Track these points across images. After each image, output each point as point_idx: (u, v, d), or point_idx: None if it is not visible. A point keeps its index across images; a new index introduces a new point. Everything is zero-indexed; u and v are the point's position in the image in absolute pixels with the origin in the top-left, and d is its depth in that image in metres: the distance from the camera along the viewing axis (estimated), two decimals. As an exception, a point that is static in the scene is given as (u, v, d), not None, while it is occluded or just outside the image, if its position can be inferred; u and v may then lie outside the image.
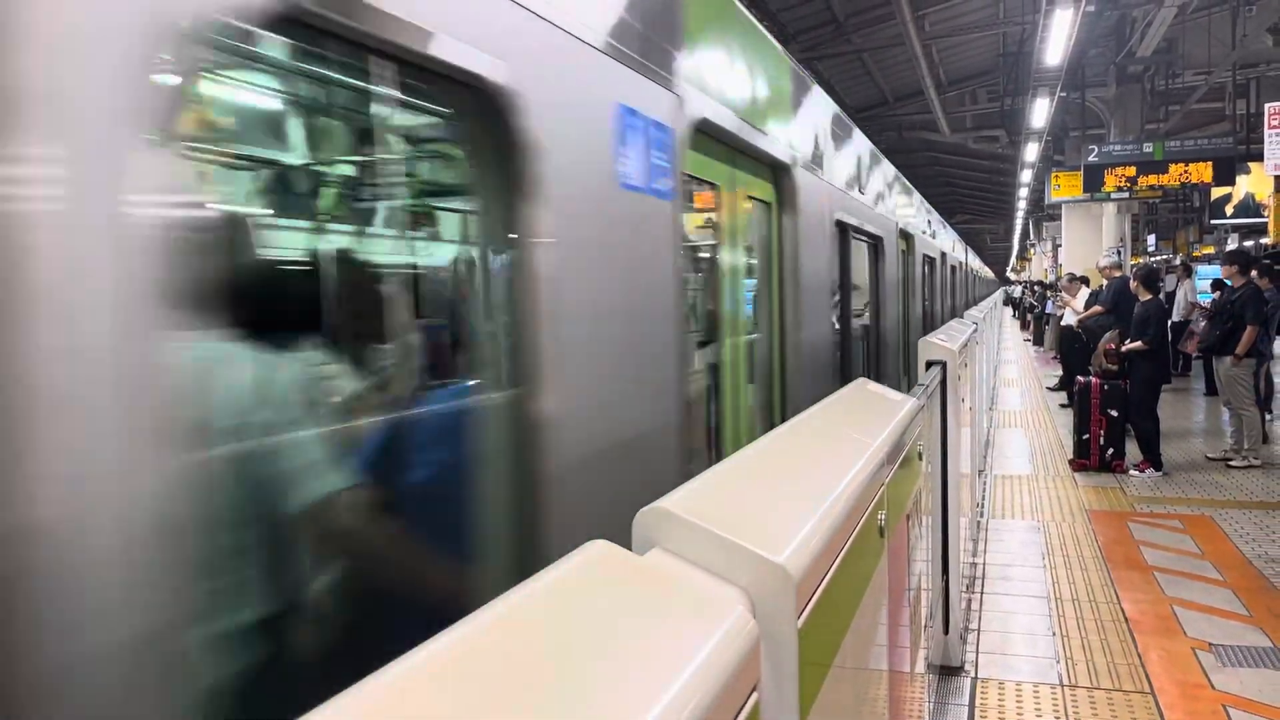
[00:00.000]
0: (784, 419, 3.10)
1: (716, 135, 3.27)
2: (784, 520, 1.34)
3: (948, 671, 4.71)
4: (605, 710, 0.78)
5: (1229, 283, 10.39)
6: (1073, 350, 14.29)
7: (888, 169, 8.16)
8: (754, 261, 4.07)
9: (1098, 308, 12.77)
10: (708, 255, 3.60)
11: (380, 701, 0.71)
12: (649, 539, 1.19)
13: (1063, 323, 15.16)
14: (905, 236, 8.96)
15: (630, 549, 1.16)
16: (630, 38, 2.46)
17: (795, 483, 1.64)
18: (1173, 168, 15.11)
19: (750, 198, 3.86)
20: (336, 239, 2.10)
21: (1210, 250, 27.05)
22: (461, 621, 0.86)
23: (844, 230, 5.63)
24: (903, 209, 9.15)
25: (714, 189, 3.46)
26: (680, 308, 2.81)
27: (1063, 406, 14.16)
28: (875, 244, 7.06)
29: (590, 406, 2.17)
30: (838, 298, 5.72)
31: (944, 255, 14.54)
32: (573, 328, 2.07)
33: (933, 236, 12.45)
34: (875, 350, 7.10)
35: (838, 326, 5.56)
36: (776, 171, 4.12)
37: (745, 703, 0.98)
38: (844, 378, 5.50)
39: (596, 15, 2.26)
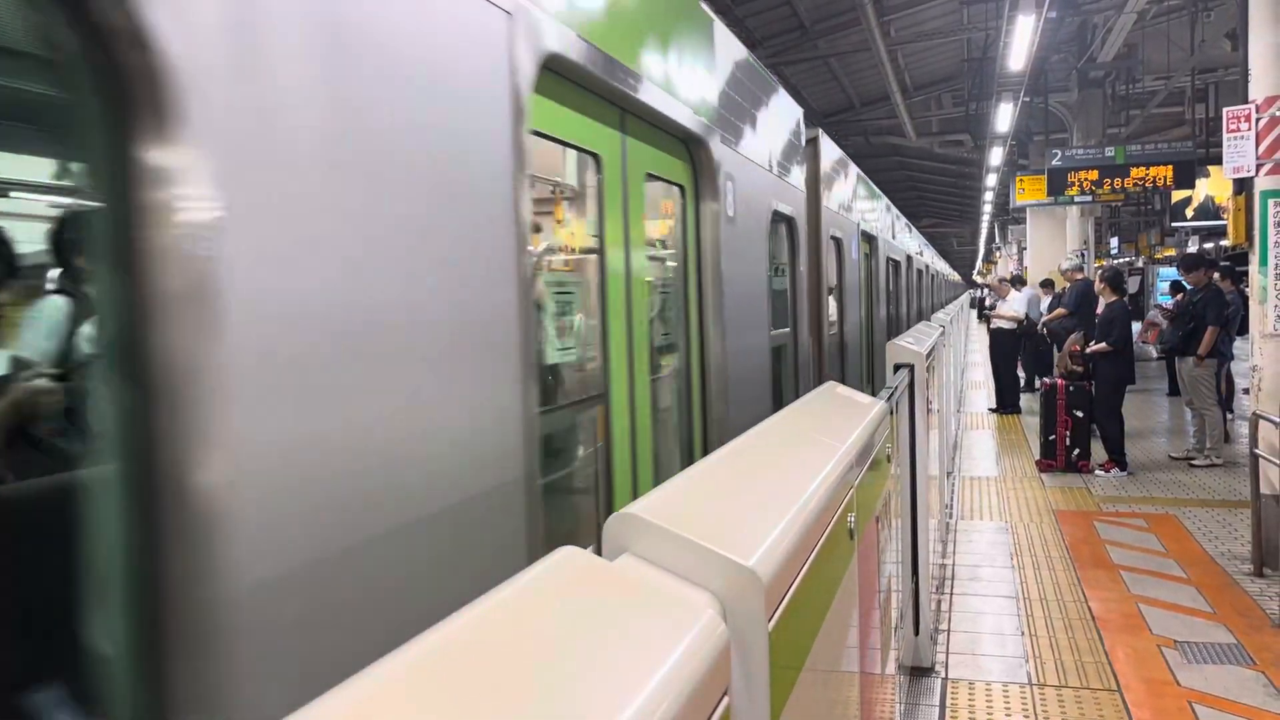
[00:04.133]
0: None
1: None
2: (754, 524, 1.34)
3: (918, 672, 4.74)
4: (575, 716, 0.78)
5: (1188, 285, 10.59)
6: (1003, 355, 14.33)
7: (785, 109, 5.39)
8: None
9: (1061, 310, 12.93)
10: None
11: (348, 710, 0.70)
12: (620, 544, 1.18)
13: (991, 326, 15.01)
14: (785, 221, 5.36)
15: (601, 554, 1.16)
16: None
17: (765, 486, 1.65)
18: (1134, 171, 15.32)
19: None
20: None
21: (1171, 252, 27.46)
22: (431, 629, 0.85)
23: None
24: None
25: None
26: None
27: (991, 411, 14.30)
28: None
29: None
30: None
31: (893, 247, 11.46)
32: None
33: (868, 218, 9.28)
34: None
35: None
36: None
37: (716, 706, 0.99)
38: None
39: None
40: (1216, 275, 10.78)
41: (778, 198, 5.06)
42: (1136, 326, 11.53)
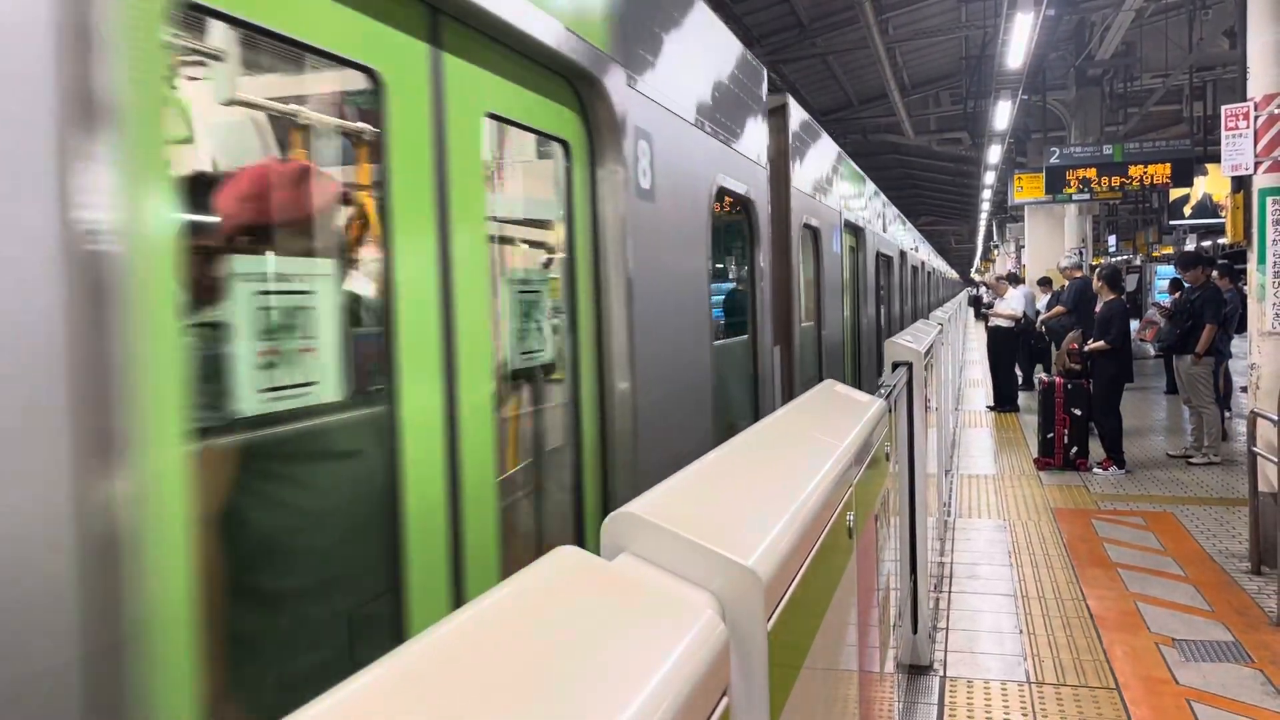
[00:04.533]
0: None
1: None
2: (753, 523, 1.33)
3: (917, 670, 4.74)
4: (574, 716, 0.78)
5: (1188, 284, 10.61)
6: (1000, 353, 14.30)
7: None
8: None
9: (1059, 308, 12.94)
10: None
11: (345, 710, 0.70)
12: (618, 544, 1.18)
13: (990, 324, 14.98)
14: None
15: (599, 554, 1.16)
16: None
17: (764, 485, 1.64)
18: (1132, 169, 15.32)
19: None
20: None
21: (1169, 250, 27.49)
22: (429, 629, 0.85)
23: None
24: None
25: None
26: None
27: (989, 409, 14.29)
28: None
29: None
30: None
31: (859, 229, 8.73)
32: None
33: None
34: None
35: None
36: None
37: (716, 707, 0.98)
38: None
39: None
40: (1214, 273, 10.79)
41: (726, 172, 3.94)
42: (1134, 324, 11.55)
